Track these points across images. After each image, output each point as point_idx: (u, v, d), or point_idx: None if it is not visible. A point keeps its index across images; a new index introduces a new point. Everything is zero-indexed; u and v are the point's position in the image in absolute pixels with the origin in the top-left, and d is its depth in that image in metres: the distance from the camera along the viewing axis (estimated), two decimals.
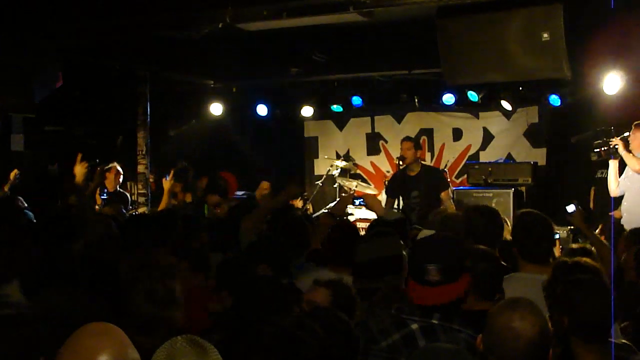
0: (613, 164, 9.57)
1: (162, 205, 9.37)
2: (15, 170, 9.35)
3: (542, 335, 3.13)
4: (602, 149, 9.50)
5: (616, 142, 9.36)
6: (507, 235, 6.63)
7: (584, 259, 4.54)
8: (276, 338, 3.05)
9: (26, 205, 10.17)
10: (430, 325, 3.63)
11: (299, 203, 12.38)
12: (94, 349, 2.37)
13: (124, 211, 9.51)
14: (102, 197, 10.31)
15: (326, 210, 12.90)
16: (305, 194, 12.92)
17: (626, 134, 9.47)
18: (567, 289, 3.74)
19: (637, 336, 4.61)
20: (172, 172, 9.95)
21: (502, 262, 4.84)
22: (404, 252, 4.91)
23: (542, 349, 3.14)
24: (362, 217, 11.56)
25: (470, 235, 5.49)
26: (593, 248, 5.64)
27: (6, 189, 9.17)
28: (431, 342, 3.54)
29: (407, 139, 10.82)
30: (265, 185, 9.75)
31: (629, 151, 9.34)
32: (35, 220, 8.22)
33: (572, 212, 6.51)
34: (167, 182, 9.77)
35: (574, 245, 6.26)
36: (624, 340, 4.04)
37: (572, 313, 3.61)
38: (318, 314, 3.49)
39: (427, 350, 3.24)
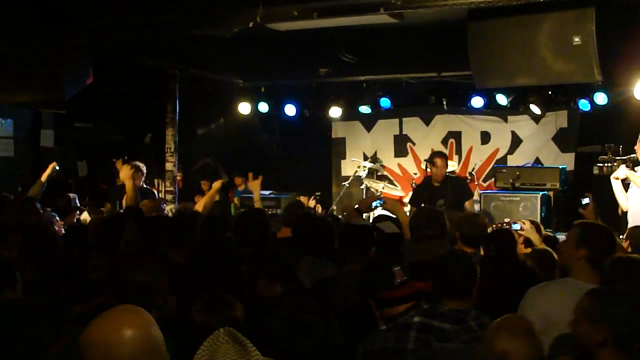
0: (616, 183, 9.48)
1: (200, 205, 9.20)
2: (54, 163, 9.47)
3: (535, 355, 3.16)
4: (606, 165, 9.42)
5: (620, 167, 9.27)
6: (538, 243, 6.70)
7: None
8: (284, 323, 3.07)
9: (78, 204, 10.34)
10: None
11: (311, 203, 12.37)
12: (119, 323, 2.53)
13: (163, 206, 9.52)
14: None
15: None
16: (318, 193, 12.83)
17: (632, 155, 9.36)
18: (602, 299, 3.58)
19: None
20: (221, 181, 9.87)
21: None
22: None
23: None
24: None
25: None
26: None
27: (43, 179, 9.29)
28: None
29: (440, 155, 10.79)
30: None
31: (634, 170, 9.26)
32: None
33: (585, 204, 6.53)
34: (217, 182, 9.65)
35: None
36: None
37: (609, 324, 3.39)
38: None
39: (443, 350, 3.26)
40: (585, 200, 6.58)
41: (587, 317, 3.40)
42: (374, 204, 7.62)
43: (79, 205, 10.46)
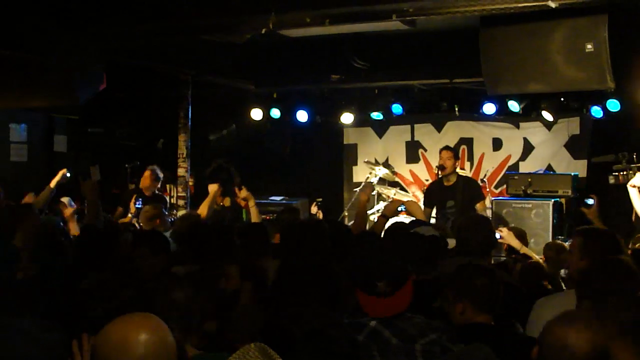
0: (633, 191, 9.45)
1: (204, 210, 9.21)
2: (64, 170, 9.48)
3: (597, 352, 3.09)
4: (621, 173, 9.40)
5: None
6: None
7: None
8: (308, 337, 3.07)
9: (74, 205, 10.36)
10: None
11: (313, 209, 12.35)
12: (134, 327, 2.63)
13: (165, 211, 9.53)
14: (137, 205, 10.30)
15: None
16: (319, 199, 12.79)
17: None
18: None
19: None
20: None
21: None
22: None
23: None
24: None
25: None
26: None
27: (52, 185, 9.30)
28: None
29: (446, 148, 10.79)
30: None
31: None
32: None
33: (590, 205, 6.62)
34: (212, 186, 9.69)
35: None
36: None
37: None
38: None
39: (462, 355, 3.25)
40: (590, 201, 6.72)
41: None
42: (399, 208, 7.57)
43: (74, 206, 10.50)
